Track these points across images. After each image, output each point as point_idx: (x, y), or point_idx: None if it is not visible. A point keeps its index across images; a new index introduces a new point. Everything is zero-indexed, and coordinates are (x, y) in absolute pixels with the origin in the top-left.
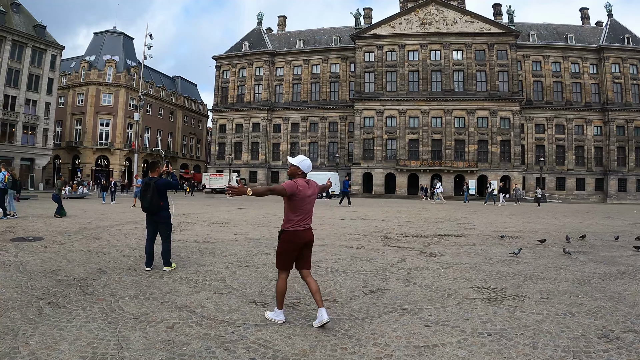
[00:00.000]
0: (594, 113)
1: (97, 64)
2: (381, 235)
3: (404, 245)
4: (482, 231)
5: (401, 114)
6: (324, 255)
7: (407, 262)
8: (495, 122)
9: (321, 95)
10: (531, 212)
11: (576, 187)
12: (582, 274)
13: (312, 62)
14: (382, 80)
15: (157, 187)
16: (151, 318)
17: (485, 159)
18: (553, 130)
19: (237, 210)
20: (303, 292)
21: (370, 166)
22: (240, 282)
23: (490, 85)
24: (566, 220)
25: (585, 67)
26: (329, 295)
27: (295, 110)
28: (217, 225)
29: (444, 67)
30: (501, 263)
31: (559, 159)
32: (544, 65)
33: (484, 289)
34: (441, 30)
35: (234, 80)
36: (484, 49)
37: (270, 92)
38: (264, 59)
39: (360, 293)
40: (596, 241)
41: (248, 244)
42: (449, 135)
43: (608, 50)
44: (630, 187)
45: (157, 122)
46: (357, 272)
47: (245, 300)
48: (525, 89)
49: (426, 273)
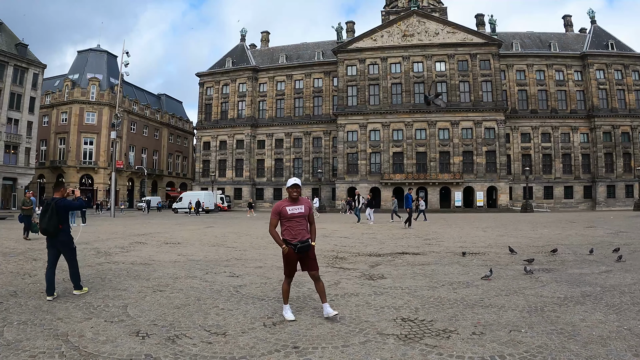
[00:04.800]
0: (579, 120)
1: (80, 83)
2: (333, 254)
3: (349, 267)
4: (446, 247)
5: (385, 127)
6: (251, 279)
7: (339, 287)
8: (479, 133)
9: (304, 110)
10: (495, 225)
11: (564, 195)
12: (537, 299)
13: (295, 77)
14: (364, 94)
15: (57, 208)
16: (22, 346)
17: (471, 170)
18: (539, 138)
19: (203, 229)
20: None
21: (354, 181)
22: (140, 309)
23: (473, 96)
24: (544, 231)
25: (569, 74)
26: (223, 327)
27: (279, 126)
28: (167, 246)
29: (426, 78)
30: (447, 287)
31: (546, 168)
32: (528, 74)
33: (409, 322)
34: (423, 41)
35: (218, 97)
36: (467, 59)
37: (253, 108)
38: (247, 75)
39: (259, 325)
40: (568, 255)
41: (183, 266)
42: (434, 147)
43: (592, 56)
44: (619, 193)
45: (142, 140)
46: (274, 299)
47: (129, 331)
48: (509, 99)
49: (352, 301)
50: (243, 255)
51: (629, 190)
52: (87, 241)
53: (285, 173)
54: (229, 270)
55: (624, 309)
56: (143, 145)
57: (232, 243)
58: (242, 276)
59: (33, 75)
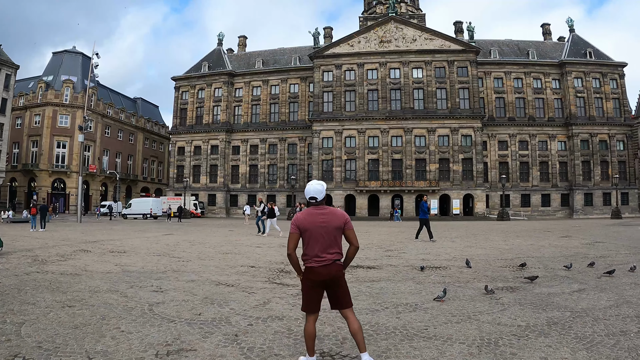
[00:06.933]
0: (557, 128)
1: (54, 84)
2: (279, 267)
3: (289, 282)
4: (406, 260)
5: (360, 133)
6: (174, 296)
7: (266, 308)
8: (456, 140)
9: (280, 116)
10: (465, 235)
11: (542, 203)
12: (492, 328)
13: (271, 82)
14: (340, 100)
15: None
16: None
17: (447, 178)
18: (516, 146)
19: (160, 237)
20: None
21: (329, 188)
22: (35, 328)
23: (450, 103)
24: (516, 241)
25: (547, 82)
26: (109, 355)
27: (254, 132)
28: (110, 254)
29: (403, 85)
30: (390, 310)
31: (523, 176)
32: (505, 82)
33: (328, 358)
34: (400, 48)
35: (193, 102)
36: (444, 66)
37: (229, 113)
38: (222, 80)
39: (150, 355)
40: (538, 270)
41: (111, 278)
42: (410, 154)
43: (570, 64)
44: (596, 201)
45: (117, 145)
46: (186, 321)
47: (7, 354)
48: (487, 106)
49: (272, 326)
50: (183, 267)
51: (607, 198)
52: (31, 248)
53: (259, 179)
54: (157, 284)
55: (597, 342)
56: (117, 150)
57: (180, 252)
58: (166, 291)
59: (5, 76)
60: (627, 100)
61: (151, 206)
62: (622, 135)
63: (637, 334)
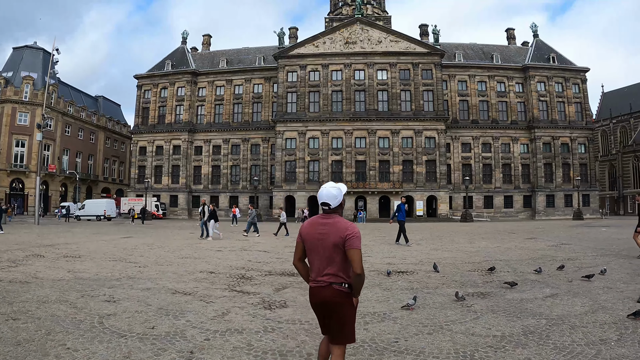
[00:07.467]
0: (520, 131)
1: (14, 81)
2: (240, 273)
3: (250, 290)
4: (372, 264)
5: (324, 135)
6: (127, 306)
7: (225, 320)
8: (420, 142)
9: (244, 116)
10: (430, 237)
11: (504, 204)
12: (467, 339)
13: (235, 82)
14: (304, 101)
15: None
16: None
17: (411, 180)
18: (480, 148)
19: (119, 239)
20: None
21: (292, 189)
22: None
23: (415, 105)
24: (482, 244)
25: (511, 85)
26: None
27: (217, 132)
28: (64, 260)
29: (368, 86)
30: (357, 320)
31: (486, 178)
32: (470, 85)
33: None
34: (365, 49)
35: (156, 101)
36: (409, 68)
37: (191, 113)
38: (186, 79)
39: None
40: (507, 274)
41: (63, 287)
42: (373, 156)
43: (534, 69)
44: (558, 202)
45: (77, 144)
46: (138, 336)
47: None
48: (451, 108)
49: (231, 340)
50: (139, 273)
51: (568, 199)
52: None
53: (222, 180)
54: (109, 293)
55: (577, 352)
56: (78, 149)
57: (138, 257)
58: (119, 301)
59: None
60: (588, 105)
61: (105, 207)
62: (584, 139)
63: (617, 342)
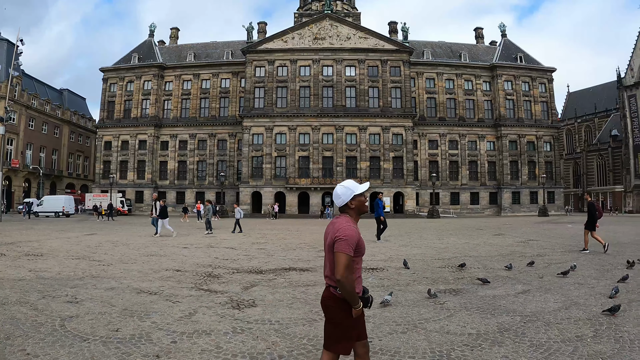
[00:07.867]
0: (487, 129)
1: None
2: (207, 271)
3: (218, 289)
4: None
5: (291, 130)
6: (90, 307)
7: (192, 321)
8: (387, 139)
9: (211, 111)
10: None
11: (471, 201)
12: (442, 338)
13: (202, 76)
14: (272, 96)
15: None
16: None
17: (378, 176)
18: (447, 145)
19: (82, 237)
20: None
21: (259, 185)
22: None
23: (382, 102)
24: (451, 240)
25: (478, 84)
26: None
27: (184, 127)
28: (25, 258)
29: (336, 83)
30: None
31: (452, 174)
32: (437, 82)
33: None
34: (334, 45)
35: (121, 94)
36: (377, 65)
37: (158, 107)
38: (152, 73)
39: None
40: (478, 270)
41: (23, 287)
42: (341, 152)
43: (501, 68)
44: (523, 199)
45: (41, 138)
46: (102, 340)
47: None
48: (418, 106)
49: (199, 343)
50: (103, 272)
51: (533, 196)
52: None
53: (188, 176)
54: (72, 294)
55: (554, 350)
56: (42, 144)
57: (102, 255)
58: (82, 302)
59: None
60: (554, 104)
61: (64, 204)
62: (550, 137)
63: (593, 338)
